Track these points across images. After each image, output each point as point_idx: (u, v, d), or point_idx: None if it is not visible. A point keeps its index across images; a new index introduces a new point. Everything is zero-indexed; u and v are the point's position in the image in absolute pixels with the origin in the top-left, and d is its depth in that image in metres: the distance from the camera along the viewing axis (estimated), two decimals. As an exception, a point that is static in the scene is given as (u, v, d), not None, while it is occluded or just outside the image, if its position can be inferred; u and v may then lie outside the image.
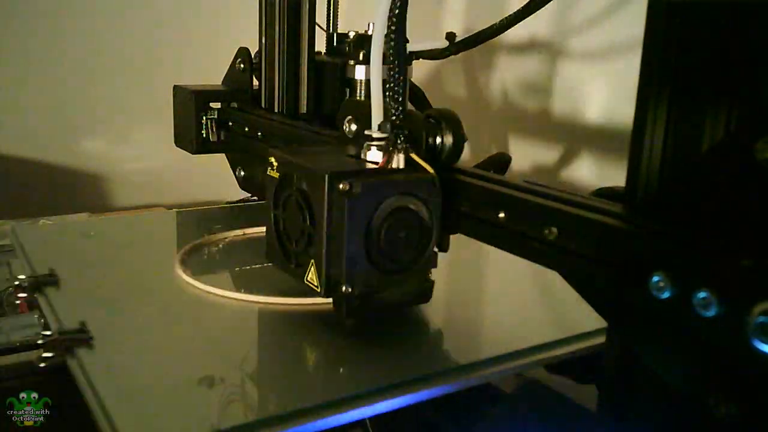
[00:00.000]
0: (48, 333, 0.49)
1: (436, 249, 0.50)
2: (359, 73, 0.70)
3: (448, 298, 0.65)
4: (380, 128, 0.49)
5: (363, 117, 0.51)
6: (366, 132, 0.49)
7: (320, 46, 0.77)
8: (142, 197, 1.26)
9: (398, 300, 0.50)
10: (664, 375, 0.36)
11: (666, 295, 0.33)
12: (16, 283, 0.59)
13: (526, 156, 1.04)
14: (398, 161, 0.48)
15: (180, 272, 0.62)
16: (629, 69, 0.39)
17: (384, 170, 0.48)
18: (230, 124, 0.79)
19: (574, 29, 0.95)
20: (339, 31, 0.77)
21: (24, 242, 0.70)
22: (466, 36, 0.63)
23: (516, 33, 1.05)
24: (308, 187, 0.47)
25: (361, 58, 0.70)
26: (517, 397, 0.51)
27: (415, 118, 0.50)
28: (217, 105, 0.80)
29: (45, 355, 0.47)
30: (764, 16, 0.32)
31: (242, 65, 0.78)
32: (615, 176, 0.45)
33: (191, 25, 1.26)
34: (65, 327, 0.50)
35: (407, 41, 0.71)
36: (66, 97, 1.21)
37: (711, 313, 0.31)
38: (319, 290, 0.48)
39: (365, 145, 0.49)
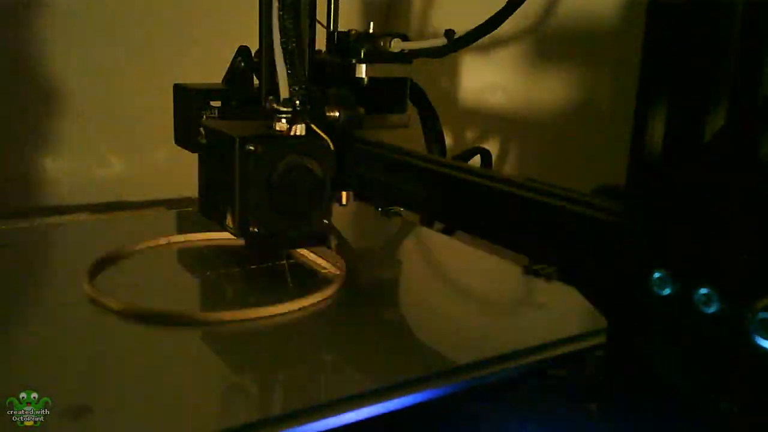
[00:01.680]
0: None
1: (331, 201, 0.63)
2: (359, 71, 0.71)
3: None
4: (284, 103, 0.60)
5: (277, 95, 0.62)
6: (275, 106, 0.60)
7: (320, 44, 0.77)
8: (142, 197, 1.26)
9: (297, 239, 0.62)
10: (665, 372, 0.35)
11: (667, 291, 0.33)
12: None
13: (528, 156, 1.04)
14: (300, 130, 0.60)
15: (86, 289, 0.60)
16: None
17: (286, 136, 0.60)
18: (230, 122, 0.80)
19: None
20: (340, 29, 0.77)
21: None
22: (465, 32, 0.63)
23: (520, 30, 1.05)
24: (226, 150, 0.59)
25: (361, 56, 0.70)
26: (517, 397, 0.51)
27: (317, 96, 0.64)
28: (217, 103, 0.79)
29: None
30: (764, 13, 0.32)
31: (242, 63, 0.78)
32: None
33: (191, 23, 1.26)
34: None
35: (406, 39, 0.71)
36: (62, 94, 1.21)
37: (712, 309, 0.31)
38: (234, 231, 0.60)
39: (275, 116, 0.60)
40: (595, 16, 0.90)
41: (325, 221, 0.62)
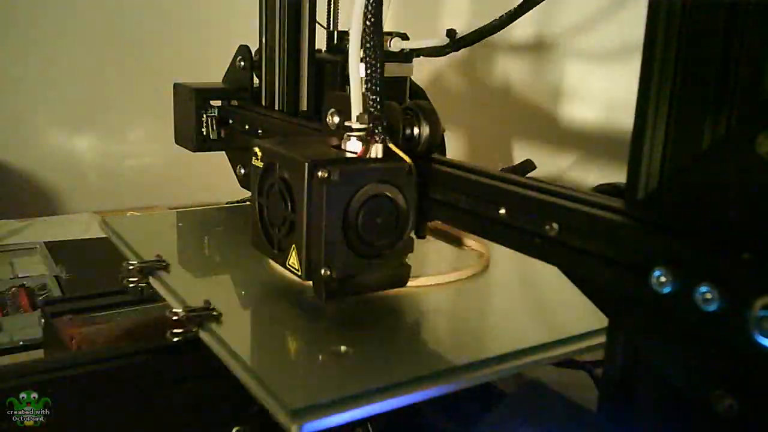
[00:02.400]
0: (176, 311, 0.52)
1: (413, 235, 0.53)
2: (359, 70, 0.70)
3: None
4: (359, 119, 0.51)
5: (345, 109, 0.52)
6: (346, 123, 0.51)
7: (320, 44, 0.77)
8: (142, 197, 1.26)
9: (375, 283, 0.53)
10: (665, 370, 0.35)
11: (667, 290, 0.33)
12: (130, 267, 0.62)
13: (527, 155, 1.04)
14: (376, 151, 0.50)
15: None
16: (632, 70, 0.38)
17: (362, 159, 0.50)
18: (230, 121, 0.79)
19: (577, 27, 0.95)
20: (339, 28, 0.77)
21: (120, 232, 0.73)
22: (467, 33, 0.63)
23: (520, 32, 1.05)
24: (289, 175, 0.50)
25: (361, 55, 0.70)
26: (517, 397, 0.51)
27: (393, 110, 0.53)
28: (217, 103, 0.80)
29: (176, 330, 0.51)
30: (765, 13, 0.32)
31: (242, 63, 0.78)
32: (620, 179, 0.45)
33: (191, 22, 1.26)
34: (190, 305, 0.53)
35: (406, 38, 0.71)
36: (63, 95, 1.21)
37: (712, 307, 0.31)
38: (299, 273, 0.51)
39: (345, 135, 0.51)
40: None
41: (407, 260, 0.54)
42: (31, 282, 0.91)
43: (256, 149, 0.54)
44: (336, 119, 0.53)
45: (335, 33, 0.76)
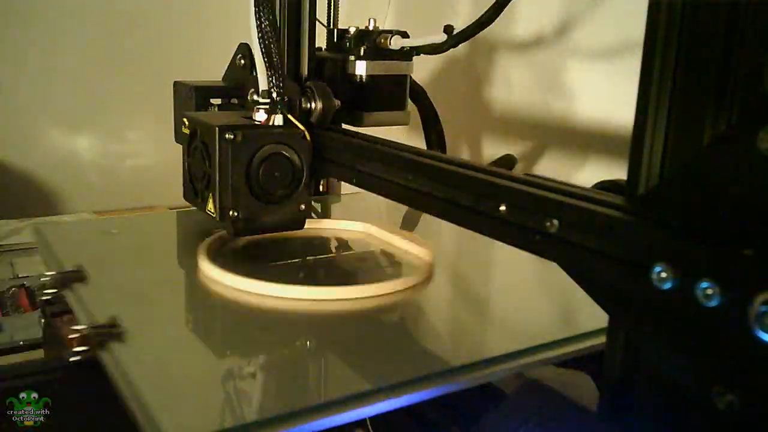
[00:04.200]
0: (78, 328, 0.50)
1: (308, 188, 0.65)
2: (359, 68, 0.71)
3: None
4: (263, 95, 0.63)
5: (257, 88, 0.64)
6: (254, 98, 0.64)
7: (321, 42, 0.77)
8: (142, 197, 1.26)
9: (275, 224, 0.64)
10: (666, 367, 0.35)
11: (668, 285, 0.33)
12: (43, 279, 0.60)
13: (527, 154, 1.04)
14: (277, 120, 0.63)
15: (205, 267, 0.63)
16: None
17: (264, 126, 0.63)
18: (230, 120, 0.80)
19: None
20: (339, 26, 0.77)
21: (49, 239, 0.72)
22: (464, 27, 0.63)
23: (521, 31, 1.05)
24: (207, 139, 0.62)
25: (361, 53, 0.70)
26: (517, 397, 0.50)
27: (293, 88, 0.67)
28: (217, 101, 0.79)
29: (77, 349, 0.49)
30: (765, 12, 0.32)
31: (242, 61, 0.78)
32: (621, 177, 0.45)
33: (191, 22, 1.26)
34: (96, 322, 0.52)
35: (406, 36, 0.71)
36: (63, 95, 1.21)
37: (713, 303, 0.30)
38: (214, 215, 0.62)
39: (254, 108, 0.63)
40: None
41: (302, 207, 0.65)
42: (30, 282, 0.91)
43: (185, 119, 0.66)
44: (254, 96, 0.64)
45: (335, 31, 0.76)
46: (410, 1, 1.22)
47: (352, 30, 0.73)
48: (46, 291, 0.60)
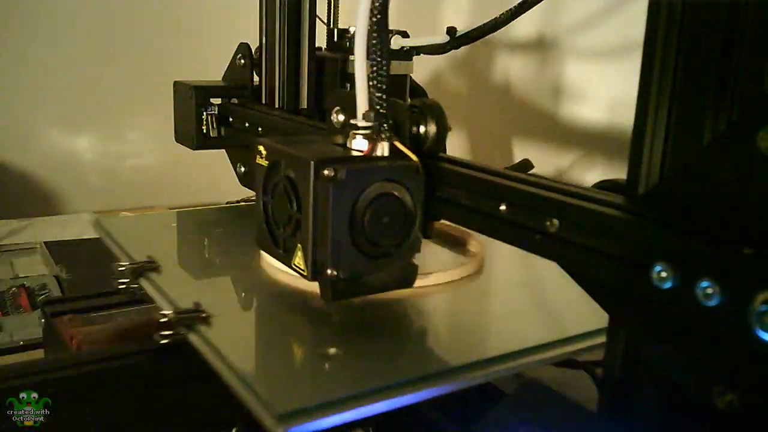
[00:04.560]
0: (165, 313, 0.52)
1: (419, 235, 0.52)
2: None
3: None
4: (365, 117, 0.49)
5: (350, 107, 0.51)
6: (351, 121, 0.50)
7: (321, 41, 0.77)
8: (142, 197, 1.26)
9: (383, 284, 0.51)
10: (666, 366, 0.35)
11: (668, 285, 0.33)
12: (120, 269, 0.61)
13: (527, 154, 1.04)
14: (382, 149, 0.49)
15: (267, 259, 0.64)
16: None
17: (368, 157, 0.49)
18: (231, 119, 0.79)
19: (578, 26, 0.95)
20: (340, 26, 0.77)
21: (113, 232, 0.73)
22: (467, 30, 0.63)
23: (521, 30, 1.05)
24: (295, 174, 0.49)
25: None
26: (517, 397, 0.50)
27: (400, 108, 0.51)
28: (217, 101, 0.79)
29: (164, 333, 0.51)
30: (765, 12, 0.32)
31: (243, 61, 0.78)
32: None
33: (191, 21, 1.26)
34: (180, 307, 0.54)
35: (407, 36, 0.71)
36: (63, 95, 1.21)
37: (713, 302, 0.30)
38: (305, 274, 0.49)
39: (351, 133, 0.50)
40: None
41: (414, 261, 0.52)
42: (31, 282, 0.91)
43: (261, 147, 0.53)
44: (341, 117, 0.52)
45: (335, 30, 0.76)
46: (410, 0, 1.22)
47: (353, 29, 0.73)
48: (120, 281, 0.62)
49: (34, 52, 1.18)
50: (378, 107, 0.49)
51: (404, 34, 0.72)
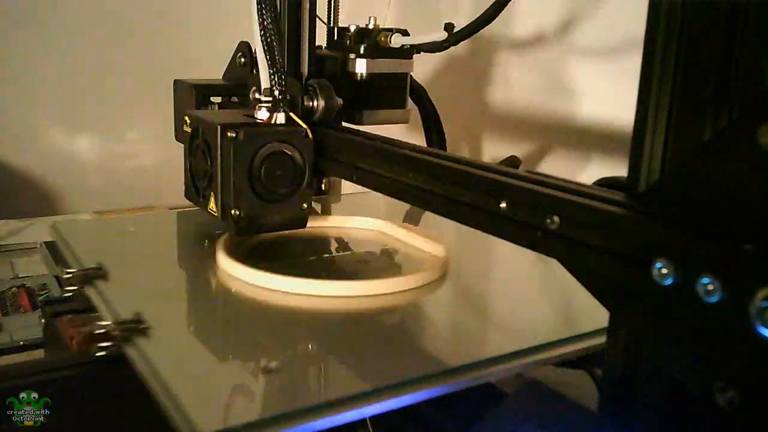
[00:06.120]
0: (103, 324, 0.51)
1: (311, 187, 0.65)
2: (359, 66, 0.70)
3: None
4: (265, 93, 0.63)
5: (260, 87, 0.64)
6: (256, 96, 0.63)
7: (321, 40, 0.76)
8: (142, 197, 1.26)
9: (278, 223, 0.64)
10: (667, 363, 0.35)
11: (669, 281, 0.33)
12: (66, 276, 0.61)
13: (528, 154, 1.04)
14: (279, 118, 0.63)
15: (223, 263, 0.63)
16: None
17: (267, 124, 0.63)
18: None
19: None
20: (340, 25, 0.77)
21: (67, 237, 0.73)
22: (464, 25, 0.63)
23: (521, 29, 1.05)
24: (208, 137, 0.62)
25: (361, 51, 0.70)
26: (517, 397, 0.50)
27: (295, 86, 0.68)
28: (217, 99, 0.79)
29: (102, 344, 0.50)
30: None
31: (243, 59, 0.78)
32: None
33: (191, 21, 1.26)
34: (120, 318, 0.52)
35: (407, 34, 0.70)
36: (63, 95, 1.21)
37: (714, 299, 0.30)
38: (216, 214, 0.62)
39: (256, 106, 0.63)
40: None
41: (305, 206, 0.65)
42: (31, 282, 0.91)
43: (186, 117, 0.66)
44: (256, 95, 0.64)
45: (336, 29, 0.76)
46: (411, 1, 1.22)
47: (353, 28, 0.73)
48: (66, 288, 0.61)
49: (34, 52, 1.18)
50: (276, 85, 0.62)
51: (404, 33, 0.72)
